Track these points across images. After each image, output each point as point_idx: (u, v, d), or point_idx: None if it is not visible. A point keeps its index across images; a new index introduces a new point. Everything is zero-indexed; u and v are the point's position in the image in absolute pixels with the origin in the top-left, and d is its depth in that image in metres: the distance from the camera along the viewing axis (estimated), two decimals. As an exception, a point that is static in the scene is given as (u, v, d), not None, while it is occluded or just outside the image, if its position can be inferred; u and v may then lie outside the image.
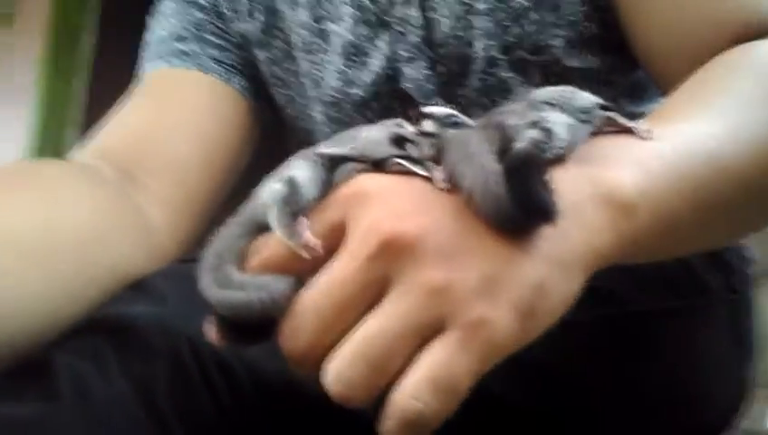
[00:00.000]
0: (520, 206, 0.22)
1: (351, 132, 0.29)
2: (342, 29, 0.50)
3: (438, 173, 0.25)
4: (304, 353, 0.24)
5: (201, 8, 0.57)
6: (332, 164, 0.27)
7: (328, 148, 0.28)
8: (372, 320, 0.23)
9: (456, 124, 0.28)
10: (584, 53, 0.49)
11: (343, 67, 0.51)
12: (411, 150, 0.26)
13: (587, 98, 0.29)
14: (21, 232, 0.37)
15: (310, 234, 0.25)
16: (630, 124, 0.29)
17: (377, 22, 0.49)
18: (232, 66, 0.56)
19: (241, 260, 0.27)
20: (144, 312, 0.35)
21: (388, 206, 0.24)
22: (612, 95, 0.47)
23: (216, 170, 0.53)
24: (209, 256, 0.27)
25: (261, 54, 0.56)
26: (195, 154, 0.51)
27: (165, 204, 0.48)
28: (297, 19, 0.53)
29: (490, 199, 0.23)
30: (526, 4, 0.47)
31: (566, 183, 0.24)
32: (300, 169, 0.27)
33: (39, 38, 2.27)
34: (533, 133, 0.25)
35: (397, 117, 0.50)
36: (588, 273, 0.25)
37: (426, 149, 0.26)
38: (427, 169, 0.25)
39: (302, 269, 0.25)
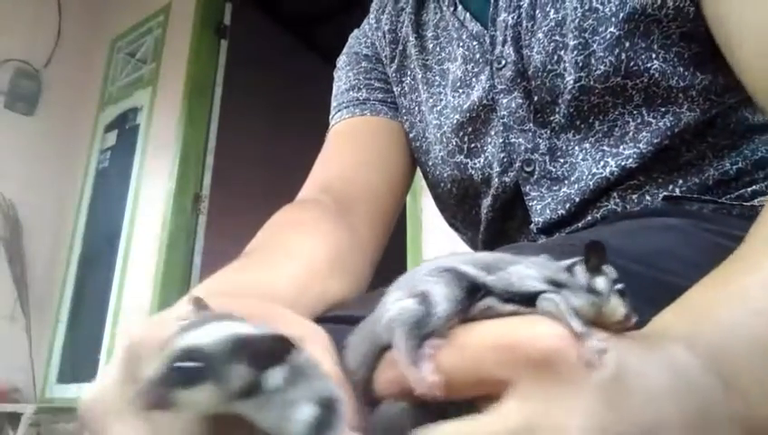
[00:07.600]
0: None
1: (487, 257, 0.26)
2: (455, 67, 0.60)
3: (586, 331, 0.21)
4: None
5: (366, 57, 0.70)
6: (468, 286, 0.24)
7: (466, 267, 0.24)
8: None
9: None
10: (687, 72, 0.47)
11: (451, 97, 0.60)
12: (568, 297, 0.23)
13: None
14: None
15: (432, 368, 0.22)
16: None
17: (481, 59, 0.57)
18: (393, 103, 0.67)
19: (371, 372, 0.25)
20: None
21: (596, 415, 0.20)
22: (728, 108, 0.48)
23: (397, 190, 0.65)
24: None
25: (396, 89, 0.67)
26: (383, 180, 0.63)
27: (368, 223, 0.58)
28: (422, 60, 0.64)
29: None
30: (617, 33, 0.48)
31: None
32: (434, 285, 0.23)
33: (178, 98, 2.66)
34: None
35: (481, 138, 0.57)
36: None
37: (578, 300, 0.23)
38: (577, 320, 0.21)
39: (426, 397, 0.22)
